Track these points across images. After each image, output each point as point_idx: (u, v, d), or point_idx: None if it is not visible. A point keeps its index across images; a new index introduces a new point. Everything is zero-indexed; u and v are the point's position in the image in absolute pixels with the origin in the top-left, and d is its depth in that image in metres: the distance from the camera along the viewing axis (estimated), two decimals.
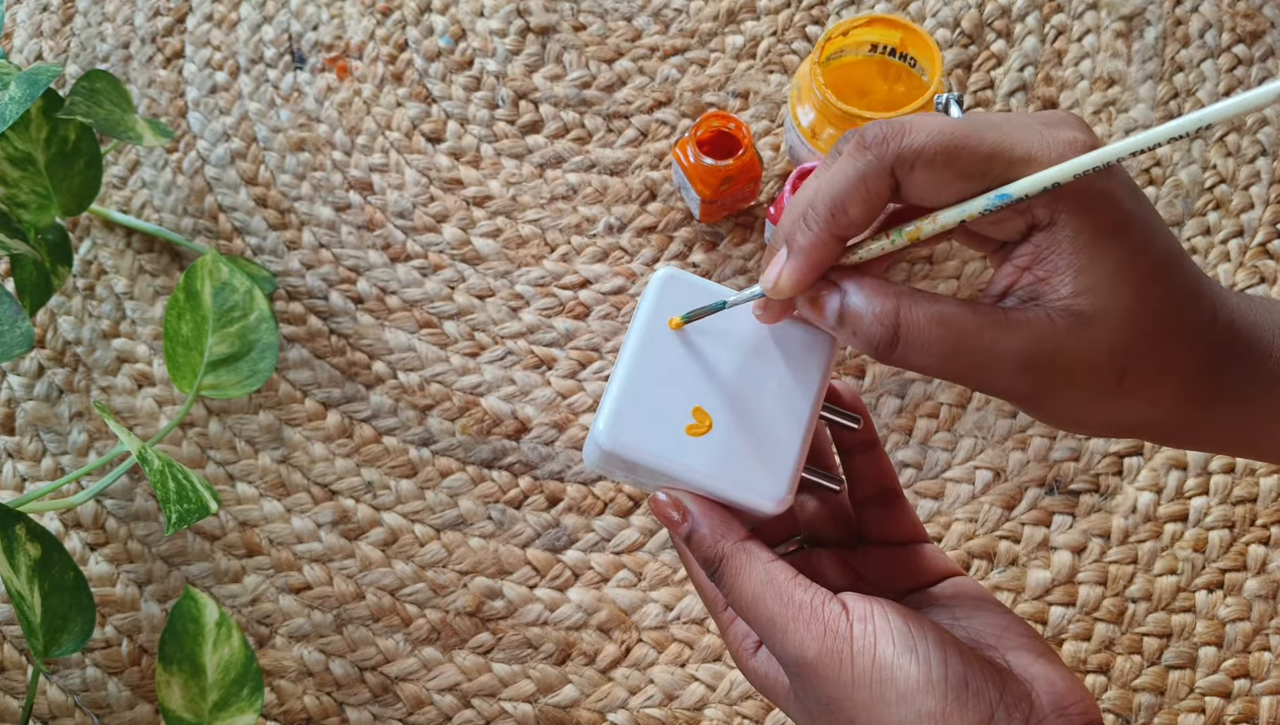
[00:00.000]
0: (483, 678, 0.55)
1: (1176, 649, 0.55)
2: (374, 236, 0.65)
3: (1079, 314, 0.27)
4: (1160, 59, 0.68)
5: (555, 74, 0.68)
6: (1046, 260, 0.27)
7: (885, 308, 0.28)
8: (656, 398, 0.32)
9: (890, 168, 0.27)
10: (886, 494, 0.36)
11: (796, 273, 0.29)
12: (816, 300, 0.30)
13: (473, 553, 0.57)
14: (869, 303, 0.28)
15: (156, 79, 0.69)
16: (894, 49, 0.59)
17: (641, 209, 0.65)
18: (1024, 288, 0.28)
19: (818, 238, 0.29)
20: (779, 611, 0.29)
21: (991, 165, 0.27)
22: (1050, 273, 0.27)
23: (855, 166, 0.28)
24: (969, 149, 0.27)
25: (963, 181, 0.27)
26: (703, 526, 0.31)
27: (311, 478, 0.59)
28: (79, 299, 0.64)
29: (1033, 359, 0.27)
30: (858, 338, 0.29)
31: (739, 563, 0.30)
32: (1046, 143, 0.27)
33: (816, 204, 0.28)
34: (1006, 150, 0.27)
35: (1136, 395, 0.28)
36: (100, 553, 0.58)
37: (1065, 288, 0.27)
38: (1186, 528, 0.57)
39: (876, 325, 0.28)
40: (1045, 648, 0.30)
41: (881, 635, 0.28)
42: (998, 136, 0.27)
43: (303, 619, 0.56)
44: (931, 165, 0.27)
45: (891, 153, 0.27)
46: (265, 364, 0.56)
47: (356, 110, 0.68)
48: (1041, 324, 0.27)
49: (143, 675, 0.56)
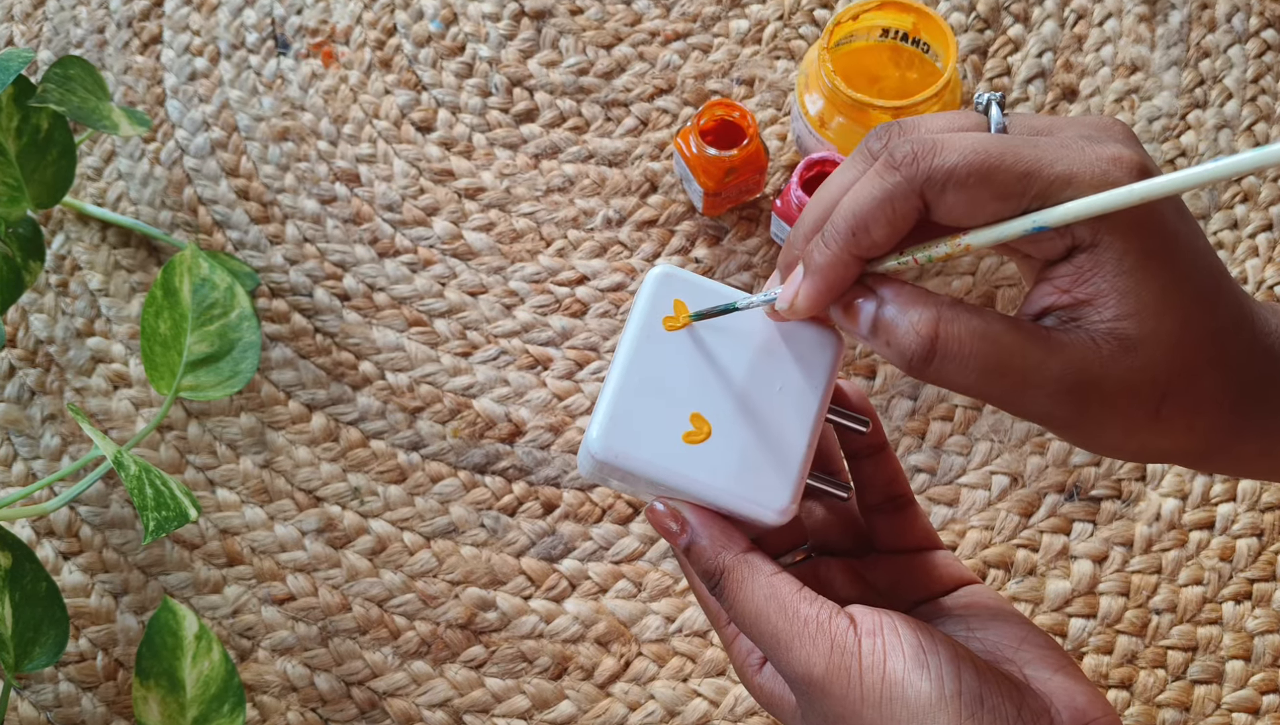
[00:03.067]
0: (475, 693, 0.55)
1: (1202, 663, 0.55)
2: (361, 230, 0.64)
3: (1123, 339, 0.26)
4: (1185, 44, 0.68)
5: (551, 60, 0.68)
6: (1089, 282, 0.27)
7: (924, 319, 0.27)
8: (653, 403, 0.31)
9: (920, 189, 0.27)
10: (897, 500, 0.36)
11: (813, 294, 0.29)
12: (850, 307, 0.29)
13: (464, 562, 0.57)
14: (906, 313, 0.28)
15: (133, 65, 0.69)
16: (906, 34, 0.59)
17: (641, 201, 0.65)
18: (1064, 310, 0.27)
19: (837, 258, 0.28)
20: (783, 627, 0.29)
21: (1029, 185, 0.26)
22: (1093, 296, 0.27)
23: (881, 186, 0.27)
24: (1004, 168, 0.26)
25: (998, 202, 0.27)
26: (702, 538, 0.31)
27: (295, 483, 0.59)
28: (51, 296, 0.63)
29: (1075, 383, 0.27)
30: (891, 349, 0.28)
31: (740, 576, 0.30)
32: (1089, 161, 0.27)
33: (837, 222, 0.28)
34: (1044, 169, 0.26)
35: (1173, 423, 0.28)
36: (74, 562, 0.58)
37: (1109, 311, 0.27)
38: (1213, 535, 0.57)
39: (913, 337, 0.27)
40: (1065, 660, 0.30)
41: (891, 650, 0.28)
42: (1035, 155, 0.27)
43: (286, 631, 0.56)
44: (964, 186, 0.27)
45: (922, 174, 0.27)
46: (247, 364, 0.56)
47: (343, 98, 0.68)
48: (1085, 347, 0.27)
49: (119, 690, 0.55)
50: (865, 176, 0.28)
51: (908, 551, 0.35)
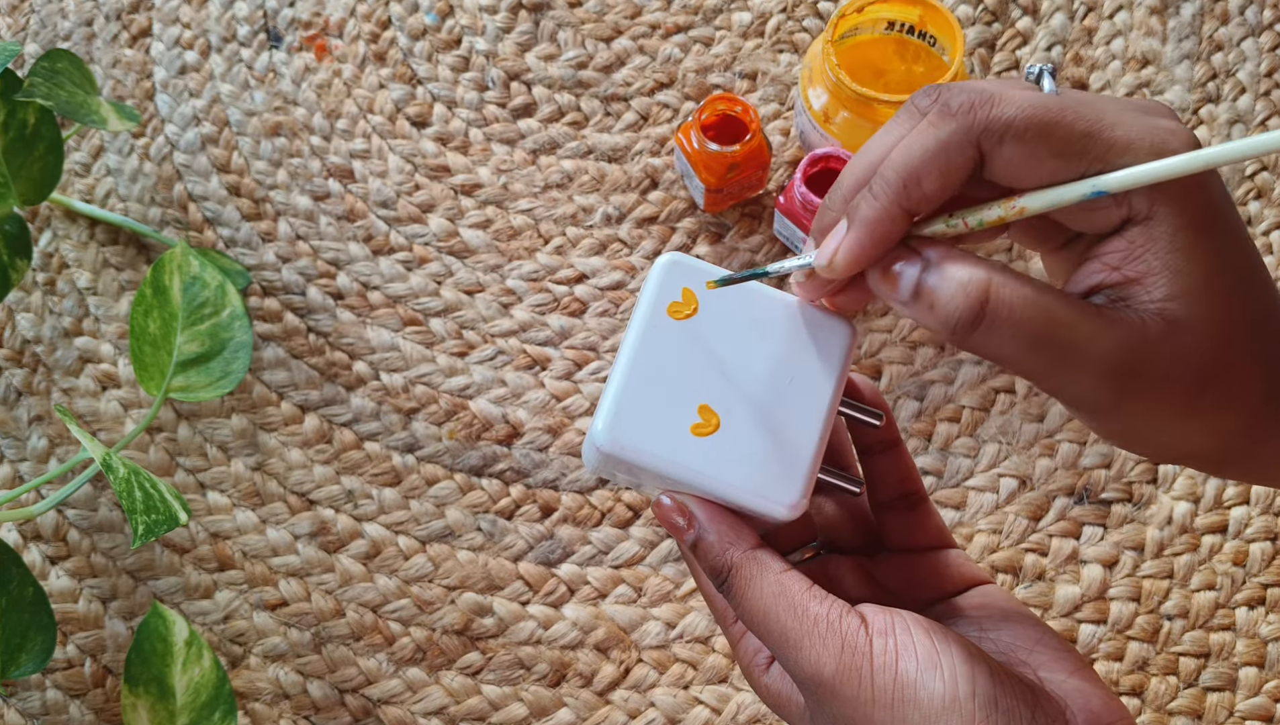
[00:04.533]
0: (471, 700, 0.55)
1: (1215, 670, 0.54)
2: (355, 227, 0.64)
3: (1172, 320, 0.26)
4: (1197, 37, 0.67)
5: (549, 53, 0.68)
6: (1141, 258, 0.26)
7: (974, 281, 0.26)
8: (660, 395, 0.31)
9: (977, 139, 0.26)
10: (909, 497, 0.36)
11: (857, 247, 0.28)
12: (889, 270, 0.28)
13: (461, 566, 0.57)
14: (954, 274, 0.27)
15: (122, 59, 0.69)
16: (912, 26, 0.59)
17: (642, 198, 0.65)
18: (1114, 288, 0.27)
19: (885, 211, 0.28)
20: (792, 625, 0.29)
21: (1089, 145, 0.26)
22: (1145, 272, 0.26)
23: (936, 134, 0.27)
24: (1065, 124, 0.26)
25: (1056, 160, 0.26)
26: (710, 534, 0.31)
27: (288, 486, 0.59)
28: (39, 294, 0.63)
29: (1121, 363, 0.26)
30: (935, 314, 0.27)
31: (749, 573, 0.30)
32: (1146, 129, 0.26)
33: (887, 173, 0.27)
34: (1106, 130, 0.26)
35: (1204, 417, 0.27)
36: (62, 566, 0.58)
37: (1159, 291, 0.26)
38: (1226, 539, 0.57)
39: (962, 298, 0.26)
40: (1080, 662, 0.30)
41: (904, 650, 0.28)
42: (1095, 115, 0.26)
43: (279, 637, 0.56)
44: (1023, 139, 0.26)
45: (980, 122, 0.26)
46: (238, 364, 0.56)
47: (336, 92, 0.68)
48: (1135, 327, 0.26)
49: (107, 698, 0.55)
50: (917, 128, 0.27)
51: (919, 550, 0.35)
